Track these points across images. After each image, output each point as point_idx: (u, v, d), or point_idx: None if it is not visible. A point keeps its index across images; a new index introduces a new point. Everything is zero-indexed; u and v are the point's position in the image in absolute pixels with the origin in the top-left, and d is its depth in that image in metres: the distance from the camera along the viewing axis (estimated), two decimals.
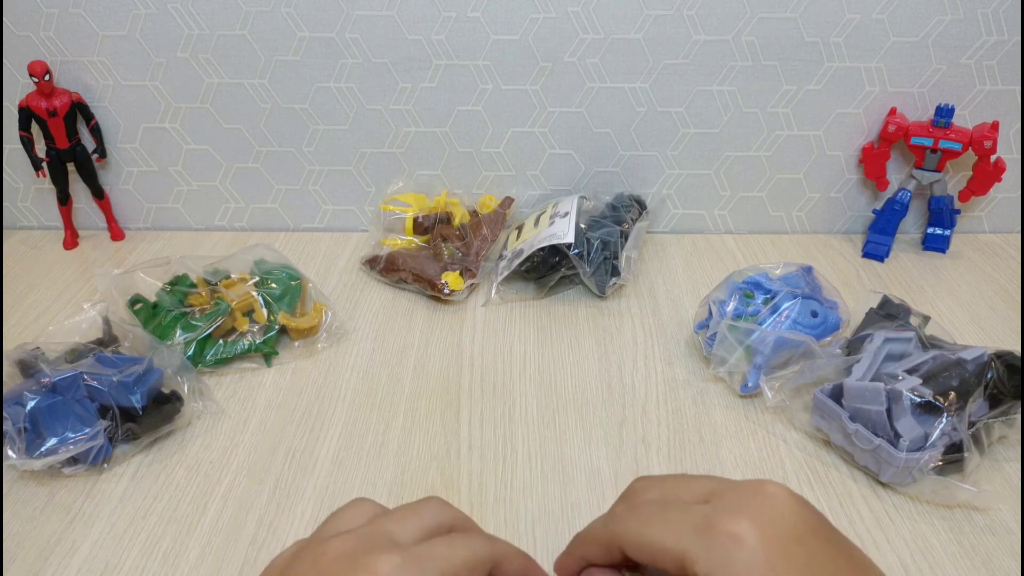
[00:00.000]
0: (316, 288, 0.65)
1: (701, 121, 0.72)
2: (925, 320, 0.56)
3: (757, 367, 0.55)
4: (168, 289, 0.61)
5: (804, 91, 0.71)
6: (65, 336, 0.55)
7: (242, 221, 0.79)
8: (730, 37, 0.68)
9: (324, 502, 0.47)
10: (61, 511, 0.47)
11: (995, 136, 0.67)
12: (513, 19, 0.68)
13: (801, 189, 0.76)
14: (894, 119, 0.70)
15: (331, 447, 0.52)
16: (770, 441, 0.52)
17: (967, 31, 0.67)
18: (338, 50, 0.69)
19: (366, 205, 0.78)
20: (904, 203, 0.72)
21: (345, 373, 0.58)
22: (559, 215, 0.67)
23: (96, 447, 0.48)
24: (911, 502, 0.48)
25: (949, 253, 0.75)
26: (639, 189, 0.76)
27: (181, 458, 0.51)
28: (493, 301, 0.67)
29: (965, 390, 0.47)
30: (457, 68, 0.70)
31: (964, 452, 0.46)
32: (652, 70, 0.70)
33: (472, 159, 0.75)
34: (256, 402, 0.56)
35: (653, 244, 0.76)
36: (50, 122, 0.69)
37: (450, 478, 0.49)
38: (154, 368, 0.52)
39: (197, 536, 0.45)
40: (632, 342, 0.62)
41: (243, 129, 0.73)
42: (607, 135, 0.73)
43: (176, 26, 0.68)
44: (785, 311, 0.56)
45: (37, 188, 0.76)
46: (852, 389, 0.49)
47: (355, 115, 0.72)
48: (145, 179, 0.76)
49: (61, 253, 0.75)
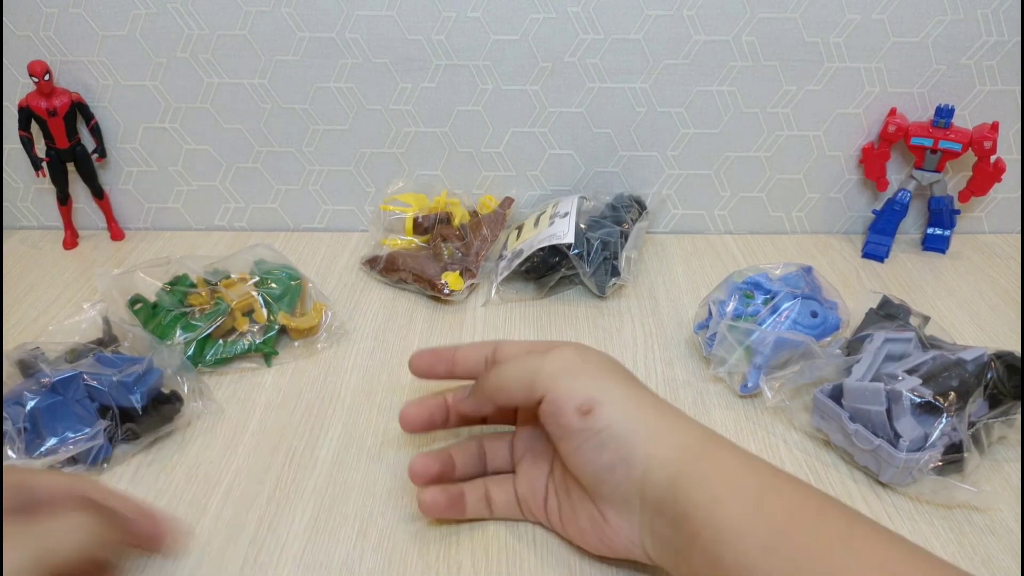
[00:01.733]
0: (316, 288, 0.65)
1: (701, 121, 0.72)
2: (925, 320, 0.56)
3: (757, 367, 0.55)
4: (168, 289, 0.61)
5: (804, 91, 0.71)
6: (65, 336, 0.55)
7: (242, 221, 0.79)
8: (730, 37, 0.68)
9: (324, 502, 0.47)
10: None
11: (995, 136, 0.67)
12: (513, 19, 0.68)
13: (801, 189, 0.76)
14: (894, 119, 0.70)
15: (331, 447, 0.52)
16: (770, 441, 0.52)
17: (967, 31, 0.67)
18: (338, 50, 0.69)
19: (366, 205, 0.78)
20: (904, 203, 0.72)
21: (345, 373, 0.58)
22: (559, 215, 0.67)
23: (96, 447, 0.48)
24: (911, 502, 0.48)
25: (949, 253, 0.75)
26: (639, 189, 0.76)
27: (181, 458, 0.51)
28: (493, 301, 0.67)
29: (965, 390, 0.47)
30: (457, 68, 0.70)
31: (964, 452, 0.46)
32: (652, 70, 0.70)
33: (472, 159, 0.75)
34: (256, 402, 0.56)
35: (653, 244, 0.76)
36: (50, 122, 0.69)
37: None
38: (154, 368, 0.52)
39: (197, 536, 0.45)
40: (632, 342, 0.62)
41: (243, 129, 0.73)
42: (607, 135, 0.73)
43: (176, 26, 0.68)
44: (785, 311, 0.56)
45: (37, 188, 0.76)
46: (852, 389, 0.49)
47: (355, 115, 0.72)
48: (145, 179, 0.76)
49: (61, 253, 0.75)
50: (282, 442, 0.52)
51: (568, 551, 0.44)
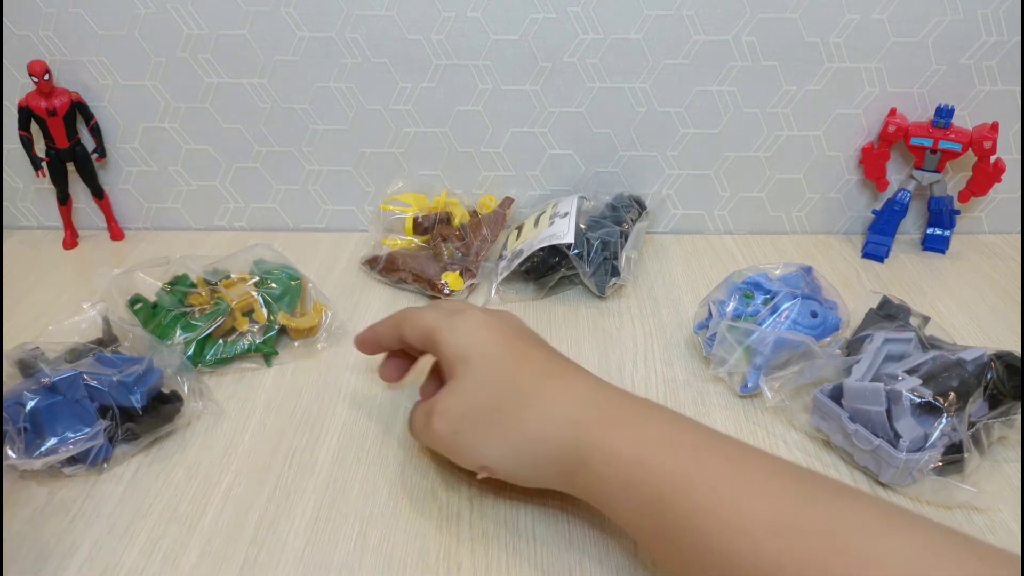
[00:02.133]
0: (316, 288, 0.65)
1: (701, 121, 0.72)
2: (925, 321, 0.56)
3: (757, 367, 0.55)
4: (168, 289, 0.61)
5: (804, 91, 0.71)
6: (65, 336, 0.55)
7: (242, 221, 0.79)
8: (730, 37, 0.68)
9: (324, 502, 0.47)
10: (61, 511, 0.47)
11: (995, 137, 0.67)
12: (513, 19, 0.68)
13: (801, 189, 0.76)
14: (894, 119, 0.70)
15: (331, 447, 0.52)
16: (770, 441, 0.52)
17: (967, 31, 0.67)
18: (338, 50, 0.69)
19: (366, 205, 0.78)
20: (904, 203, 0.72)
21: (345, 373, 0.58)
22: (559, 215, 0.67)
23: (96, 447, 0.48)
24: (911, 503, 0.48)
25: (949, 253, 0.75)
26: (639, 189, 0.76)
27: (181, 458, 0.51)
28: (493, 301, 0.67)
29: (965, 390, 0.47)
30: (457, 68, 0.70)
31: (964, 452, 0.46)
32: (652, 70, 0.70)
33: (472, 159, 0.75)
34: (256, 402, 0.56)
35: (653, 244, 0.76)
36: (50, 122, 0.69)
37: (450, 477, 0.49)
38: (154, 368, 0.52)
39: (197, 536, 0.45)
40: (632, 342, 0.62)
41: (243, 129, 0.73)
42: (607, 135, 0.73)
43: (176, 26, 0.68)
44: (785, 311, 0.56)
45: (37, 188, 0.76)
46: (852, 389, 0.49)
47: (355, 115, 0.72)
48: (145, 179, 0.76)
49: (61, 253, 0.75)
50: (282, 442, 0.52)
51: (568, 551, 0.44)
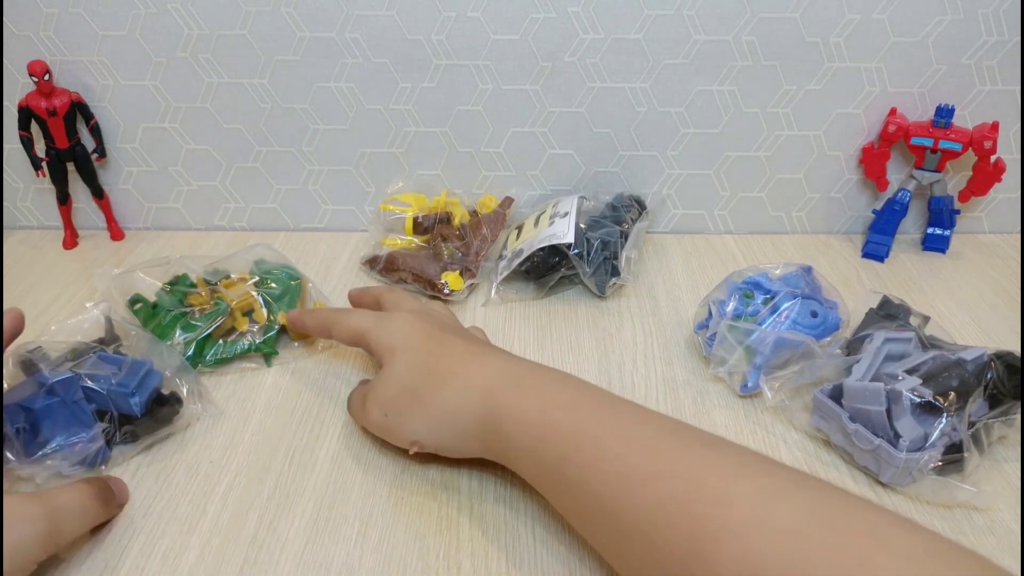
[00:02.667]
0: (316, 288, 0.65)
1: (701, 121, 0.72)
2: (925, 320, 0.56)
3: (757, 367, 0.55)
4: (168, 289, 0.61)
5: (804, 91, 0.71)
6: (68, 335, 0.55)
7: (242, 221, 0.79)
8: (730, 37, 0.68)
9: (324, 502, 0.47)
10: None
11: (995, 136, 0.67)
12: (513, 19, 0.68)
13: (801, 189, 0.76)
14: (894, 119, 0.70)
15: (331, 447, 0.52)
16: (770, 441, 0.52)
17: (967, 31, 0.67)
18: (338, 50, 0.69)
19: (366, 205, 0.78)
20: (904, 203, 0.72)
21: (345, 373, 0.58)
22: (559, 215, 0.67)
23: (94, 449, 0.48)
24: (911, 502, 0.48)
25: (949, 253, 0.75)
26: (639, 189, 0.76)
27: (181, 458, 0.51)
28: (493, 301, 0.67)
29: (965, 390, 0.47)
30: (457, 68, 0.70)
31: (964, 452, 0.46)
32: (652, 70, 0.70)
33: (472, 159, 0.75)
34: (256, 402, 0.56)
35: (653, 244, 0.76)
36: (50, 122, 0.69)
37: (450, 477, 0.49)
38: (154, 372, 0.51)
39: (197, 536, 0.45)
40: (632, 342, 0.62)
41: (243, 129, 0.73)
42: (607, 135, 0.73)
43: (176, 26, 0.68)
44: (785, 311, 0.56)
45: (37, 188, 0.76)
46: (852, 389, 0.49)
47: (355, 115, 0.72)
48: (145, 179, 0.76)
49: (61, 253, 0.75)
50: (282, 442, 0.52)
51: (568, 551, 0.44)
